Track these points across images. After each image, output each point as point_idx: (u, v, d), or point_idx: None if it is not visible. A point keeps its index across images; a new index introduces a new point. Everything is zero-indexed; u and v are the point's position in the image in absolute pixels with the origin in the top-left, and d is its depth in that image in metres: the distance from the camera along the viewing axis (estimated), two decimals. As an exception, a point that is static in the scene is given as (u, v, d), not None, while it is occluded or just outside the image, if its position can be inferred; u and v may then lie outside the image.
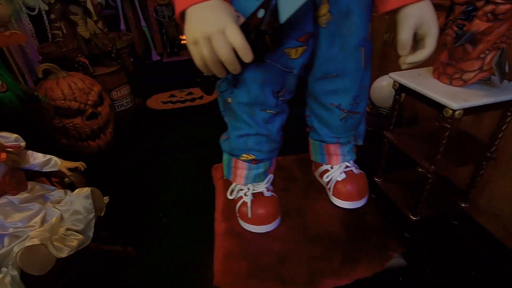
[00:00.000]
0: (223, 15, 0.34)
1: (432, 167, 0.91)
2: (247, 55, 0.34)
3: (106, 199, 0.91)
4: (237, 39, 0.33)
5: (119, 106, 1.93)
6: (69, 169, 0.91)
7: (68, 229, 0.79)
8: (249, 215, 0.55)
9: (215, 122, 1.94)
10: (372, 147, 1.38)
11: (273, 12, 0.32)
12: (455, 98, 0.80)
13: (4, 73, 1.19)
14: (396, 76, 0.98)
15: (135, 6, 3.39)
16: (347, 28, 0.42)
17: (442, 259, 1.02)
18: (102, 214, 0.89)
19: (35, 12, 2.04)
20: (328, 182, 0.60)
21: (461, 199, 1.09)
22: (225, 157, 0.59)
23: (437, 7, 1.17)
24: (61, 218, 0.80)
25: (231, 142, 0.54)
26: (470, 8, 0.74)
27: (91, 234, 0.81)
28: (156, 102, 2.38)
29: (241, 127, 0.50)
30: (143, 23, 3.44)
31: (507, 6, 0.70)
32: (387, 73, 1.40)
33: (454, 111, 0.79)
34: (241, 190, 0.58)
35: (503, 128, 0.89)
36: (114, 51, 1.88)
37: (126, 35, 2.23)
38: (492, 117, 0.99)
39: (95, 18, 1.82)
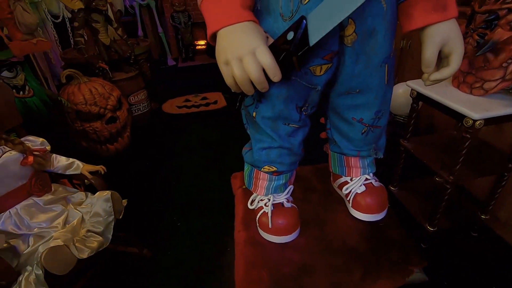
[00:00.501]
0: (254, 36, 0.35)
1: (451, 177, 0.89)
2: (276, 75, 0.35)
3: (124, 202, 0.94)
4: (268, 60, 0.34)
5: (136, 111, 1.98)
6: (90, 172, 0.94)
7: (88, 231, 0.81)
8: (270, 225, 0.56)
9: (229, 126, 2.00)
10: (388, 155, 1.36)
11: (303, 35, 0.33)
12: (476, 107, 0.78)
13: (31, 79, 1.25)
14: (414, 84, 0.97)
15: (153, 12, 3.49)
16: (371, 46, 0.43)
17: (461, 272, 0.99)
18: (120, 217, 0.92)
19: (59, 20, 2.13)
20: (348, 194, 0.60)
21: (480, 211, 1.06)
22: (247, 167, 0.60)
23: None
24: (82, 219, 0.83)
25: (254, 154, 0.55)
26: (492, 16, 0.73)
27: (110, 236, 0.84)
28: (171, 106, 2.43)
29: (264, 140, 0.52)
30: (159, 29, 3.53)
31: (532, 15, 0.69)
32: (403, 80, 1.38)
33: (474, 121, 0.77)
34: (262, 200, 0.59)
35: (526, 138, 0.87)
36: (133, 57, 1.94)
37: (144, 41, 2.30)
38: (510, 126, 0.96)
39: (115, 25, 1.88)
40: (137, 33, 3.46)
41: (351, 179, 0.60)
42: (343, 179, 0.62)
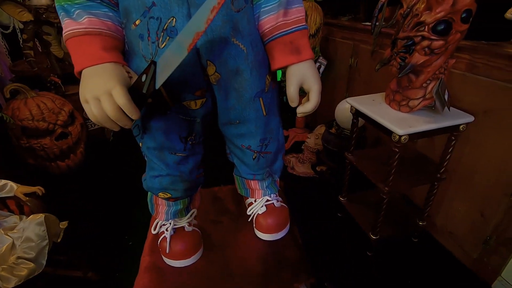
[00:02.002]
0: (111, 78, 0.37)
1: (386, 188, 0.96)
2: (133, 114, 0.37)
3: (64, 224, 0.90)
4: (122, 100, 0.36)
5: (93, 125, 1.91)
6: (27, 194, 0.90)
7: (19, 257, 0.77)
8: (167, 250, 0.57)
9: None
10: (338, 166, 1.43)
11: (152, 78, 0.36)
12: (401, 124, 0.85)
13: (-33, 95, 1.18)
14: (352, 101, 1.03)
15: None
16: (239, 83, 0.47)
17: (403, 279, 1.05)
18: (59, 240, 0.88)
19: (9, 31, 2.03)
20: (251, 215, 0.63)
21: (419, 218, 1.13)
22: (148, 193, 0.61)
23: (387, 35, 1.25)
24: (13, 245, 0.79)
25: (147, 181, 0.56)
26: (410, 42, 0.81)
27: (44, 261, 0.80)
28: (133, 119, 2.37)
29: (155, 168, 0.54)
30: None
31: (441, 42, 0.77)
32: (354, 95, 1.47)
33: (400, 136, 0.84)
34: (164, 225, 0.61)
35: (450, 150, 0.95)
36: (89, 70, 1.89)
37: (104, 54, 2.24)
38: (443, 139, 1.05)
39: (70, 37, 1.83)
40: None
41: (255, 200, 0.63)
42: (249, 200, 0.65)
